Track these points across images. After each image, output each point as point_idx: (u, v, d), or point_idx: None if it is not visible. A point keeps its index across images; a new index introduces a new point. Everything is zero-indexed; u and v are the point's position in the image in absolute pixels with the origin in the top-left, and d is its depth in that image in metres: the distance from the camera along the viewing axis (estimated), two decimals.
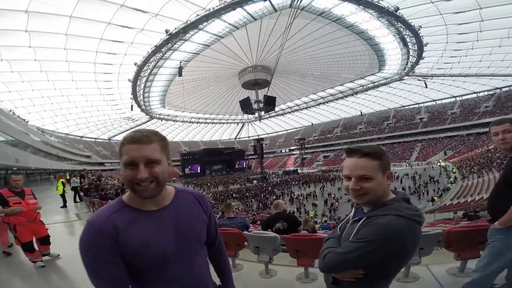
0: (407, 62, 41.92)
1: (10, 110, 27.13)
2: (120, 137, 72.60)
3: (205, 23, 27.95)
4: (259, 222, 10.30)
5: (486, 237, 1.99)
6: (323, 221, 19.33)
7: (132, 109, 46.13)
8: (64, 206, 8.55)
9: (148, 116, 61.01)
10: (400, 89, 57.28)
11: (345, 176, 1.15)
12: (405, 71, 45.89)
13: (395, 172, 39.98)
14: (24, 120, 30.74)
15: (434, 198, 22.70)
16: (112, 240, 0.83)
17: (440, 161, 43.16)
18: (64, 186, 8.92)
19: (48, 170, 26.93)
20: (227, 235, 3.26)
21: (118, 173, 55.21)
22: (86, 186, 9.08)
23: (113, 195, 7.68)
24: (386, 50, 40.26)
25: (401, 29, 30.89)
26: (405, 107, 66.99)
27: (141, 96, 45.50)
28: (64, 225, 6.47)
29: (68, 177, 15.26)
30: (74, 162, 42.84)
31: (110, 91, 43.06)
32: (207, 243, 1.19)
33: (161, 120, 66.39)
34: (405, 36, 32.42)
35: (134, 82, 37.53)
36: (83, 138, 64.89)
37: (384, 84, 53.68)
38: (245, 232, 3.29)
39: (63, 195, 8.75)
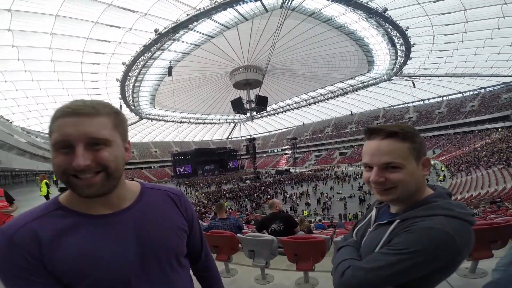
0: (395, 63, 42.68)
1: None
2: None
3: (195, 23, 27.57)
4: (253, 223, 10.23)
5: (498, 235, 1.85)
6: (317, 220, 19.43)
7: (120, 109, 44.38)
8: None
9: (137, 116, 59.90)
10: (389, 89, 58.32)
11: (364, 165, 0.88)
12: (393, 71, 46.74)
13: None
14: (8, 120, 29.52)
15: None
16: (31, 256, 0.58)
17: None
18: (48, 187, 8.58)
19: (35, 172, 26.03)
20: (220, 238, 3.11)
21: None
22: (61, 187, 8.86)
23: None
24: (375, 50, 40.86)
25: (389, 30, 31.34)
26: (394, 107, 68.35)
27: (130, 96, 44.58)
28: None
29: (55, 178, 14.86)
30: None
31: (98, 91, 41.96)
32: (190, 258, 0.90)
33: (151, 121, 65.34)
34: (393, 37, 33.00)
35: (123, 82, 36.69)
36: None
37: (373, 84, 54.60)
38: (239, 235, 3.13)
39: (47, 197, 8.39)
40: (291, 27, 32.93)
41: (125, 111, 51.10)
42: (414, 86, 47.17)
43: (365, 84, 55.37)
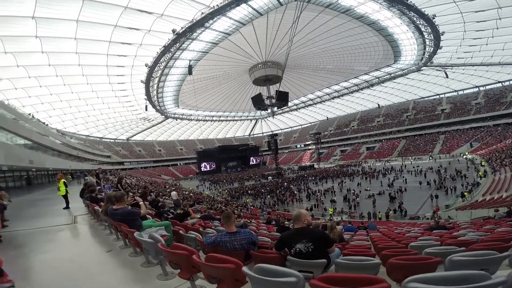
0: (424, 52, 39.99)
1: (29, 114, 28.15)
2: (138, 137, 75.07)
3: (211, 21, 27.68)
4: (273, 223, 9.75)
5: None
6: (344, 218, 18.51)
7: (146, 109, 46.86)
8: (67, 207, 8.34)
9: (163, 116, 62.03)
10: (419, 80, 54.94)
11: None
12: (422, 62, 43.87)
13: (418, 166, 38.21)
14: (44, 123, 31.86)
15: (465, 193, 21.00)
16: None
17: (466, 153, 40.82)
18: (66, 186, 8.62)
19: (68, 171, 27.81)
20: (218, 271, 2.16)
21: (137, 172, 56.75)
22: (82, 187, 8.82)
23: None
24: (400, 40, 38.45)
25: (414, 19, 29.43)
26: (425, 99, 64.09)
27: (155, 96, 46.15)
28: (51, 229, 5.84)
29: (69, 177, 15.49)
30: (94, 162, 44.21)
31: (125, 93, 43.92)
32: None
33: (176, 120, 67.32)
34: (420, 26, 30.88)
35: (147, 83, 37.98)
36: (103, 139, 67.04)
37: (401, 75, 51.68)
38: (244, 269, 1.92)
39: (65, 196, 8.50)
40: (308, 20, 31.75)
41: (151, 111, 53.16)
42: (447, 77, 43.53)
43: (392, 75, 52.53)
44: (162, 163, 72.97)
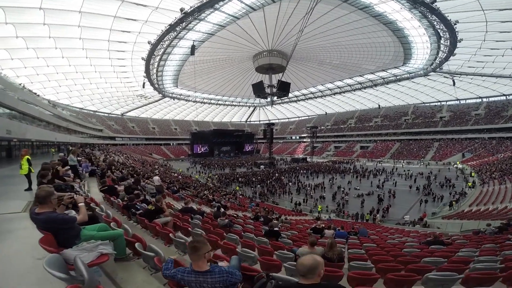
0: (436, 58, 39.43)
1: (20, 84, 27.04)
2: (133, 113, 73.66)
3: (221, 2, 26.59)
4: (262, 220, 9.54)
5: None
6: (330, 217, 18.55)
7: (144, 87, 45.62)
8: (29, 188, 6.97)
9: (160, 95, 60.71)
10: (423, 85, 54.57)
11: None
12: (432, 67, 43.32)
13: (409, 170, 38.54)
14: (36, 93, 30.75)
15: (452, 202, 21.26)
16: None
17: (458, 163, 41.32)
18: (30, 164, 7.27)
19: (53, 143, 27.02)
20: None
21: (128, 149, 56.04)
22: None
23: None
24: (414, 43, 37.67)
25: (435, 23, 28.64)
26: (426, 104, 63.95)
27: (154, 74, 44.94)
28: None
29: (70, 148, 14.72)
30: (85, 136, 43.28)
31: (124, 69, 42.63)
32: None
33: (173, 99, 66.00)
34: (439, 30, 30.08)
35: (148, 60, 36.84)
36: (96, 113, 65.54)
37: (407, 78, 51.18)
38: None
39: (28, 175, 7.15)
40: (322, 12, 30.64)
41: (149, 88, 51.88)
42: (454, 84, 42.97)
43: (397, 77, 51.94)
44: (155, 141, 72.16)
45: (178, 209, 6.99)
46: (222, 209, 8.22)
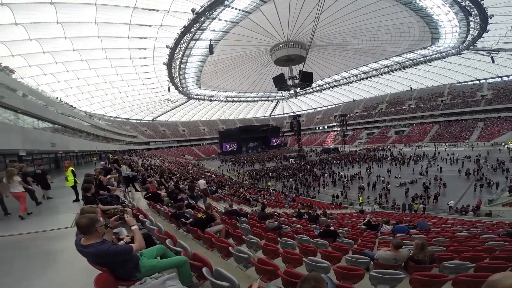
0: (467, 35, 36.52)
1: (57, 98, 29.08)
2: (163, 118, 76.71)
3: None
4: (306, 216, 8.97)
5: None
6: (373, 209, 17.38)
7: (169, 91, 47.00)
8: (77, 199, 6.89)
9: (186, 97, 62.33)
10: (458, 64, 50.13)
11: None
12: (464, 45, 39.90)
13: (453, 154, 35.20)
14: (72, 106, 32.96)
15: None
16: None
17: (510, 142, 36.87)
18: (75, 175, 7.22)
19: (94, 152, 28.70)
20: None
21: (162, 152, 58.48)
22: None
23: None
24: (440, 22, 34.99)
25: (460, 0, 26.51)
26: (463, 83, 58.39)
27: (177, 78, 45.99)
28: (43, 235, 4.43)
29: (111, 157, 15.24)
30: (121, 143, 45.87)
31: (148, 75, 44.18)
32: None
33: (198, 100, 67.49)
34: (465, 7, 27.69)
35: (169, 64, 37.74)
36: (129, 120, 69.30)
37: (438, 58, 47.55)
38: None
39: (74, 187, 7.10)
40: None
41: (174, 92, 53.43)
42: (493, 61, 38.67)
43: (427, 58, 48.42)
44: (186, 143, 74.59)
45: (221, 212, 6.70)
46: (269, 210, 7.76)
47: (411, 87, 62.67)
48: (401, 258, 3.50)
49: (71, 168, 7.24)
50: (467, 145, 42.84)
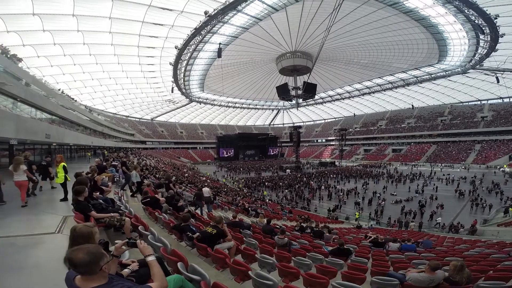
0: (475, 54, 36.63)
1: (59, 89, 28.74)
2: (162, 118, 76.22)
3: (244, 4, 26.52)
4: (309, 231, 8.66)
5: None
6: (370, 225, 17.16)
7: (172, 92, 46.89)
8: (65, 198, 6.23)
9: (187, 99, 62.19)
10: (461, 83, 50.52)
11: None
12: (471, 64, 40.13)
13: (448, 174, 35.51)
14: (73, 99, 32.58)
15: (509, 208, 18.91)
16: None
17: (505, 166, 37.29)
18: (66, 172, 6.50)
19: (89, 147, 28.15)
20: None
21: (158, 152, 57.83)
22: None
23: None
24: (450, 39, 35.24)
25: (473, 17, 26.71)
26: (464, 104, 59.07)
27: (182, 79, 45.98)
28: (23, 241, 3.64)
29: (106, 153, 14.85)
30: (118, 140, 45.25)
31: (153, 74, 44.11)
32: None
33: (200, 104, 67.38)
34: (478, 25, 27.92)
35: (175, 65, 37.70)
36: (129, 118, 68.73)
37: (443, 76, 47.78)
38: None
39: (64, 184, 6.38)
40: (348, 10, 29.45)
41: (177, 93, 53.30)
42: (498, 82, 39.14)
43: (432, 76, 48.69)
44: (183, 145, 73.99)
45: (225, 223, 6.40)
46: (279, 226, 7.44)
47: (412, 105, 63.17)
48: (436, 280, 3.34)
49: (63, 163, 6.57)
50: (463, 167, 43.23)
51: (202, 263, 3.45)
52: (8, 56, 16.33)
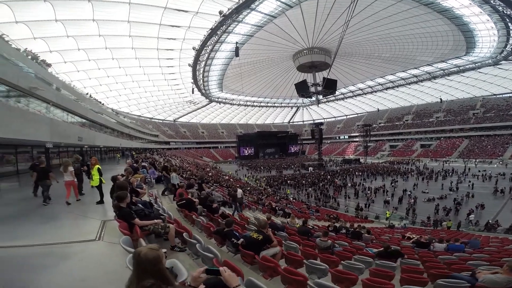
0: (506, 45, 34.28)
1: (87, 93, 30.17)
2: (184, 119, 78.20)
3: (257, 2, 26.46)
4: (344, 231, 8.31)
5: None
6: (403, 224, 16.31)
7: (193, 92, 47.82)
8: (101, 201, 6.18)
9: (207, 100, 63.22)
10: (493, 75, 46.99)
11: None
12: (502, 55, 37.42)
13: (484, 170, 32.94)
14: (100, 102, 34.17)
15: None
16: None
17: None
18: (101, 174, 6.47)
19: (117, 148, 29.22)
20: None
21: (181, 152, 59.40)
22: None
23: None
24: (477, 30, 33.15)
25: (500, 8, 25.03)
26: (497, 96, 54.51)
27: (201, 80, 46.71)
28: (59, 251, 3.44)
29: (119, 156, 15.28)
30: (143, 141, 47.02)
31: (173, 76, 45.21)
32: None
33: (219, 103, 68.22)
34: (506, 15, 26.17)
35: (194, 66, 38.34)
36: (152, 120, 71.25)
37: (472, 69, 44.77)
38: None
39: (99, 187, 6.35)
40: (366, 4, 28.32)
41: (197, 94, 54.36)
42: None
43: (461, 68, 45.81)
44: (204, 144, 75.44)
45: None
46: (310, 226, 7.19)
47: (441, 99, 59.60)
48: None
49: (97, 166, 6.54)
50: (500, 162, 39.92)
51: (249, 272, 3.27)
52: (38, 61, 17.07)
